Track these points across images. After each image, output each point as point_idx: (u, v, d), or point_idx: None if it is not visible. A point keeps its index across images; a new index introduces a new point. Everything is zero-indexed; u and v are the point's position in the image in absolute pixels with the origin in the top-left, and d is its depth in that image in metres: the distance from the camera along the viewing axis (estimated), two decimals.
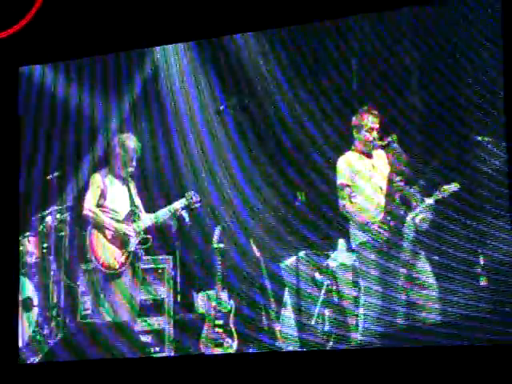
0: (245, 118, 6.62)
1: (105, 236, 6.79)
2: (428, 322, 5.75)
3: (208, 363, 6.16)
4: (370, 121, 6.16)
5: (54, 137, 6.96)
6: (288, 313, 6.40)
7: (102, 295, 6.77)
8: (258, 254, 6.49)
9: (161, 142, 6.88)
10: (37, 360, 6.50)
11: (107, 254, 6.77)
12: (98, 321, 6.73)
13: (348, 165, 6.25)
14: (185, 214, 6.83)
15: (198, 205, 6.74)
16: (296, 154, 6.37)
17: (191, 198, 6.74)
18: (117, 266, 6.75)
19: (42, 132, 6.97)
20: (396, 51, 6.11)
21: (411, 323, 5.80)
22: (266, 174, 6.50)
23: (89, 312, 6.84)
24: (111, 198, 6.84)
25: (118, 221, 6.81)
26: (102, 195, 6.77)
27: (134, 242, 6.79)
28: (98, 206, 6.80)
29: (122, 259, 6.77)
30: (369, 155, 6.27)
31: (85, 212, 6.79)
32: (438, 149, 5.91)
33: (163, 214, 6.81)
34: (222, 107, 6.72)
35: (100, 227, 6.79)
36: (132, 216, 6.83)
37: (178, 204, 6.78)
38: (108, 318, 6.69)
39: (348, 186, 6.22)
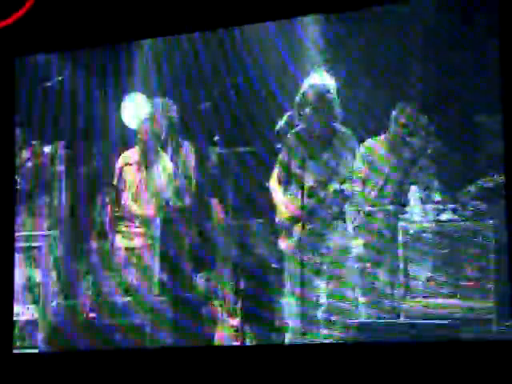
0: None
1: None
2: None
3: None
4: (404, 117, 6.27)
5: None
6: (289, 295, 6.64)
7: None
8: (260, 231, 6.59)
9: None
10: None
11: None
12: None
13: (364, 152, 6.35)
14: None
15: None
16: None
17: None
18: None
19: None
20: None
21: None
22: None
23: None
24: None
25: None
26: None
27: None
28: None
29: None
30: (394, 149, 6.34)
31: None
32: None
33: None
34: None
35: None
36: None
37: None
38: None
39: (358, 173, 6.34)
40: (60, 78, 7.03)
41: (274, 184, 6.43)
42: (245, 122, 7.05)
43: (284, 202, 6.36)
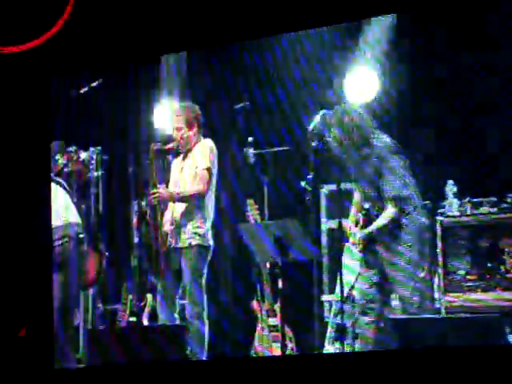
0: None
1: None
2: None
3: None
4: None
5: None
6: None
7: None
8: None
9: None
10: None
11: None
12: None
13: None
14: None
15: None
16: None
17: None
18: None
19: None
20: None
21: None
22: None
23: None
24: None
25: None
26: None
27: None
28: None
29: None
30: None
31: None
32: None
33: None
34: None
35: None
36: None
37: None
38: None
39: None
40: (94, 84, 7.09)
41: None
42: (279, 122, 7.12)
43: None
